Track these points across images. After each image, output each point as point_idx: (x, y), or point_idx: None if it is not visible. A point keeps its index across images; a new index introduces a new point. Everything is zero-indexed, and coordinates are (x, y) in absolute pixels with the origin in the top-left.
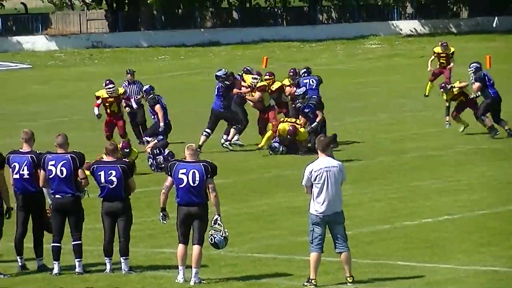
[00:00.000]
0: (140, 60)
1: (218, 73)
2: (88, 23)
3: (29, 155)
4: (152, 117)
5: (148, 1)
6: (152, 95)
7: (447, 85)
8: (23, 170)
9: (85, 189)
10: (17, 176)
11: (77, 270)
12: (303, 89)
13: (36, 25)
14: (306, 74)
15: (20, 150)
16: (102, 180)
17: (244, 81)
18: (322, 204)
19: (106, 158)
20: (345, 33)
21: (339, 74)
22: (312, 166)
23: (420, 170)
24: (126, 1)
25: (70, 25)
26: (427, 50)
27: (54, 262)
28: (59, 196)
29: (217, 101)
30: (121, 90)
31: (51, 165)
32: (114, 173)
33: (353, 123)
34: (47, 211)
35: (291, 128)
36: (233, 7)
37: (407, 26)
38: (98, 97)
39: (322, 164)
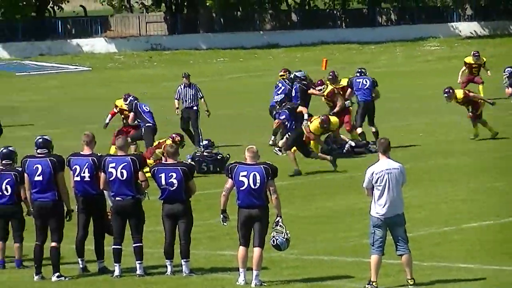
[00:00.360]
0: (199, 62)
1: (298, 74)
2: (147, 26)
3: (90, 158)
4: (137, 121)
5: (207, 4)
6: (130, 102)
7: (450, 90)
8: (84, 173)
9: (146, 191)
10: (78, 178)
11: (138, 272)
12: (281, 96)
13: (95, 27)
14: (359, 74)
15: (81, 152)
16: (163, 182)
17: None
18: (384, 206)
19: (167, 160)
20: (404, 35)
21: (398, 76)
22: (373, 168)
23: (483, 171)
24: (185, 4)
25: (129, 28)
26: (487, 52)
27: (115, 264)
28: (120, 199)
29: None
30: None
31: (111, 167)
32: (174, 175)
33: (414, 125)
34: (108, 213)
35: (323, 117)
36: (292, 9)
37: (466, 28)
38: (116, 106)
39: (383, 166)
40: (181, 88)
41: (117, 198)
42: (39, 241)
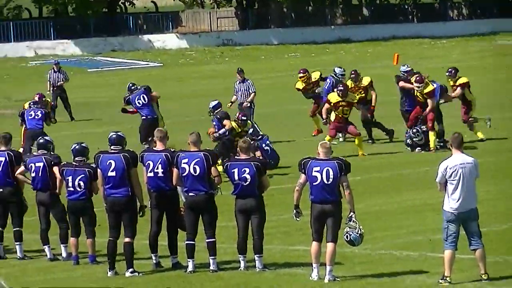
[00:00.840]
0: (270, 58)
1: (402, 69)
2: (218, 21)
3: (163, 153)
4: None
5: None
6: (128, 95)
7: (453, 71)
8: (157, 168)
9: (218, 186)
10: (151, 174)
11: (211, 267)
12: (213, 103)
13: (167, 23)
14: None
15: (154, 148)
16: (236, 177)
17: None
18: (457, 201)
19: (240, 155)
20: (476, 29)
21: (472, 71)
22: (447, 163)
23: None
24: None
25: (200, 23)
26: None
27: (189, 259)
28: (193, 194)
29: None
30: None
31: (184, 163)
32: (248, 170)
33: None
34: (181, 209)
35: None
36: (363, 4)
37: None
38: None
39: (457, 160)
40: (236, 84)
41: (190, 194)
42: (113, 236)
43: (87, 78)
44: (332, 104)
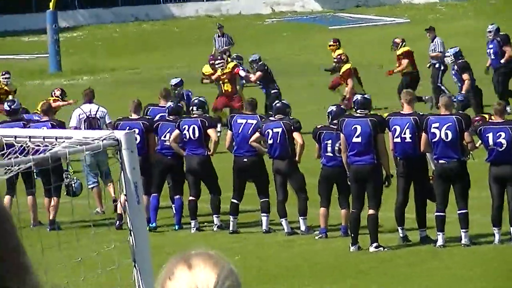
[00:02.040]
0: None
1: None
2: None
3: (411, 117)
4: None
5: None
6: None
7: None
8: (404, 134)
9: (471, 152)
10: (398, 139)
11: (463, 241)
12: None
13: None
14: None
15: (401, 112)
16: (490, 142)
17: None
18: None
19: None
20: None
21: None
22: None
23: None
24: None
25: None
26: None
27: (438, 233)
28: (444, 161)
29: None
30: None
31: (434, 127)
32: (503, 135)
33: None
34: (430, 177)
35: None
36: None
37: None
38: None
39: None
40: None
41: (440, 161)
42: (355, 208)
43: (327, 37)
44: None
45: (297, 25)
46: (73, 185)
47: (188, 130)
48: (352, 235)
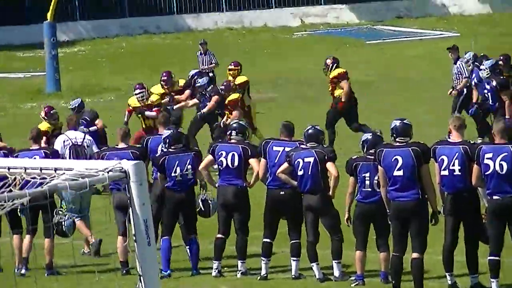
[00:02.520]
0: None
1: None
2: None
3: (461, 146)
4: None
5: None
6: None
7: None
8: (453, 165)
9: None
10: (445, 172)
11: None
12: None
13: None
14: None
15: (448, 140)
16: None
17: None
18: None
19: None
20: None
21: None
22: None
23: None
24: None
25: None
26: None
27: (492, 280)
28: (498, 197)
29: None
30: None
31: (487, 158)
32: None
33: None
34: (483, 216)
35: None
36: None
37: None
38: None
39: None
40: None
41: (494, 197)
42: (397, 251)
43: (364, 52)
44: None
45: (330, 39)
46: (63, 223)
47: (225, 157)
48: (394, 282)
